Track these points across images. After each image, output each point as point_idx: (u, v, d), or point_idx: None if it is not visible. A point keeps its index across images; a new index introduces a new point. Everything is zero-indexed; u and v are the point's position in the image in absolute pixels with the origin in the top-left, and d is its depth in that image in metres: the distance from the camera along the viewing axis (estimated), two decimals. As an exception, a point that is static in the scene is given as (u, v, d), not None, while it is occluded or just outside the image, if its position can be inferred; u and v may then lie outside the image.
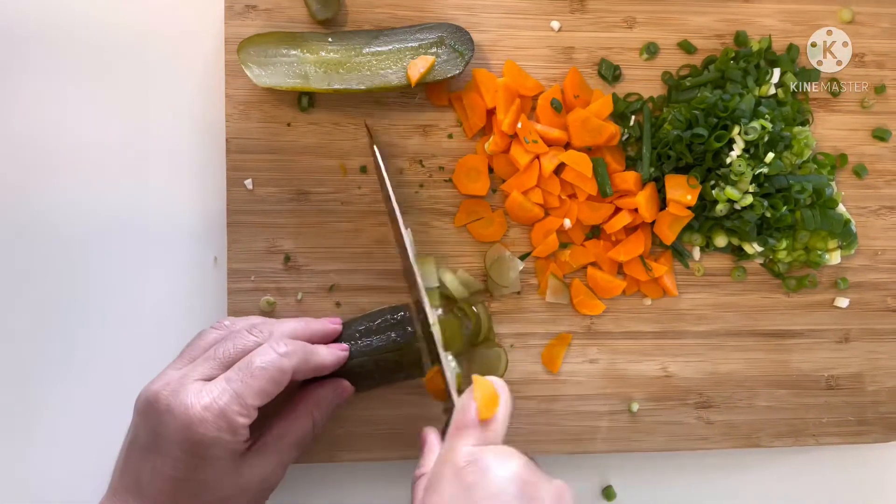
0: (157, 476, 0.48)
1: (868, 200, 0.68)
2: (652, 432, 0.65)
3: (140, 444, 0.49)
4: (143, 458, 0.49)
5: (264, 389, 0.49)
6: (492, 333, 0.63)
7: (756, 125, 0.61)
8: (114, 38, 0.64)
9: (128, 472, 0.50)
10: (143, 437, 0.49)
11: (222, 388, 0.49)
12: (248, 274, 0.61)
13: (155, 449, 0.48)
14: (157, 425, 0.48)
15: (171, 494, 0.48)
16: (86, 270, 0.63)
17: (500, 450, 0.47)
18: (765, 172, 0.62)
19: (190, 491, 0.49)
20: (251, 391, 0.49)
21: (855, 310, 0.68)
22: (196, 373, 0.50)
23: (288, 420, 0.54)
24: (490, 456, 0.46)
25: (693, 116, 0.62)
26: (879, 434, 0.68)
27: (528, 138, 0.62)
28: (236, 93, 0.62)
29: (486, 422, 0.48)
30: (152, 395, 0.49)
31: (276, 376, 0.50)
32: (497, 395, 0.49)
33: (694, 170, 0.63)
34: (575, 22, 0.65)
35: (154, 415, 0.48)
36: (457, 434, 0.48)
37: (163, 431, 0.48)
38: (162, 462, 0.48)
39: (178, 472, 0.48)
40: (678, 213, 0.62)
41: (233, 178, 0.62)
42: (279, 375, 0.50)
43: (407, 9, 0.63)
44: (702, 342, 0.66)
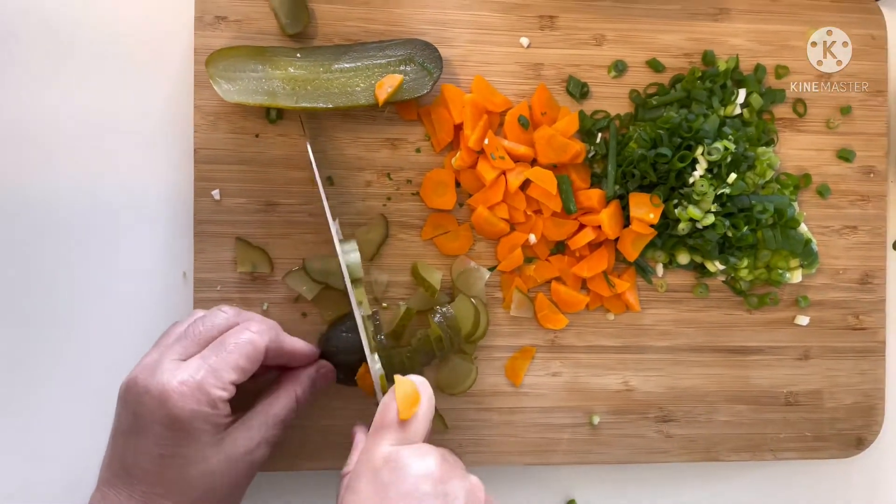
0: (141, 456, 0.49)
1: (831, 220, 0.69)
2: (612, 445, 0.66)
3: (122, 430, 0.50)
4: (126, 442, 0.50)
5: (239, 365, 0.51)
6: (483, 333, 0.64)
7: (719, 146, 0.62)
8: (83, 45, 0.64)
9: (114, 460, 0.51)
10: (124, 422, 0.50)
11: (198, 364, 0.50)
12: (214, 284, 0.62)
13: (136, 430, 0.49)
14: (137, 407, 0.49)
15: (157, 473, 0.49)
16: (52, 276, 0.63)
17: (417, 448, 0.48)
18: (727, 192, 0.62)
19: (176, 466, 0.50)
20: (227, 365, 0.51)
21: (815, 328, 0.69)
22: (171, 353, 0.51)
23: (271, 396, 0.56)
24: (406, 454, 0.47)
25: (658, 136, 0.63)
26: (836, 450, 0.69)
27: (494, 154, 0.62)
28: (205, 103, 0.62)
29: (405, 421, 0.49)
30: (130, 380, 0.50)
31: (250, 352, 0.52)
32: (418, 395, 0.50)
33: (657, 188, 0.63)
34: (544, 39, 0.66)
35: (133, 397, 0.50)
36: (376, 433, 0.49)
37: (142, 412, 0.49)
38: (144, 442, 0.49)
39: (162, 449, 0.49)
40: (641, 230, 0.63)
41: (200, 189, 0.62)
42: (253, 351, 0.52)
43: (378, 23, 0.64)
44: (663, 357, 0.67)
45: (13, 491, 0.63)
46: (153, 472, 0.49)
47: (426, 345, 0.61)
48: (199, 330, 0.53)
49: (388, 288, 0.64)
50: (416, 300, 0.64)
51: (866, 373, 0.69)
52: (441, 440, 0.64)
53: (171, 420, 0.49)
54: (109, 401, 0.52)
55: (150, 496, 0.49)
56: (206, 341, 0.52)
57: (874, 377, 0.69)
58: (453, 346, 0.62)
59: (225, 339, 0.52)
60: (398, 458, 0.47)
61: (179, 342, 0.52)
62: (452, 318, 0.61)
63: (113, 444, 0.51)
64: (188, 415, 0.49)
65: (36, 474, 0.63)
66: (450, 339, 0.61)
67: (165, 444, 0.49)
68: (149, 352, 0.53)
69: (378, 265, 0.64)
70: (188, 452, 0.50)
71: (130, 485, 0.49)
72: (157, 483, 0.49)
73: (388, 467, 0.46)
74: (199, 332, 0.53)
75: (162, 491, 0.49)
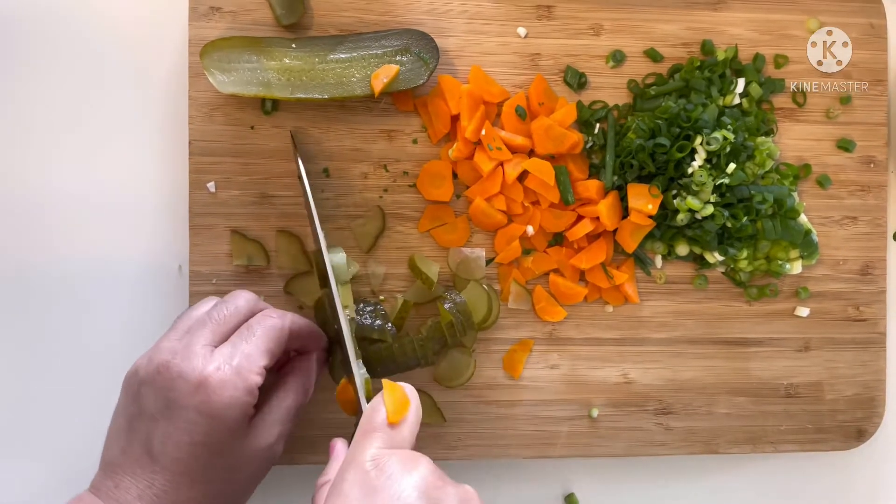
0: (170, 443, 0.48)
1: (831, 211, 0.68)
2: (611, 438, 0.66)
3: (149, 415, 0.49)
4: (153, 427, 0.49)
5: (269, 349, 0.51)
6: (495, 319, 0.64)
7: (718, 136, 0.61)
8: (76, 37, 0.63)
9: (134, 445, 0.49)
10: (151, 407, 0.49)
11: (230, 350, 0.50)
12: (210, 277, 0.62)
13: (167, 416, 0.49)
14: (169, 392, 0.49)
15: (185, 461, 0.48)
16: (46, 269, 0.63)
17: (407, 454, 0.46)
18: (726, 183, 0.62)
19: (204, 456, 0.49)
20: (258, 350, 0.51)
21: (815, 319, 0.68)
22: (200, 338, 0.51)
23: (283, 390, 0.55)
24: (395, 459, 0.45)
25: (656, 126, 0.62)
26: (837, 442, 0.69)
27: (491, 145, 0.62)
28: (200, 95, 0.61)
29: (394, 425, 0.48)
30: (161, 364, 0.49)
31: (278, 336, 0.52)
32: (408, 400, 0.49)
33: (656, 179, 0.63)
34: (542, 28, 0.65)
35: (165, 382, 0.49)
36: (364, 436, 0.47)
37: (175, 397, 0.48)
38: (175, 428, 0.48)
39: (194, 437, 0.48)
40: (640, 221, 0.63)
41: (195, 181, 0.62)
42: (280, 335, 0.53)
43: (374, 13, 0.63)
44: (662, 349, 0.66)
45: (11, 488, 0.63)
46: (181, 461, 0.48)
47: (437, 332, 0.61)
48: (224, 315, 0.52)
49: (386, 280, 0.64)
50: (413, 292, 0.63)
51: (867, 364, 0.69)
52: (439, 433, 0.64)
53: (208, 406, 0.48)
54: (105, 393, 0.52)
55: (175, 484, 0.48)
56: (232, 327, 0.52)
57: (875, 368, 0.69)
58: (465, 333, 0.62)
59: (251, 324, 0.52)
60: (388, 461, 0.45)
61: (205, 327, 0.51)
62: (463, 305, 0.61)
63: (130, 430, 0.50)
64: (226, 401, 0.48)
65: (33, 469, 0.63)
66: (462, 326, 0.61)
67: (198, 432, 0.48)
68: (167, 335, 0.52)
69: (375, 257, 0.63)
70: (218, 442, 0.49)
71: (153, 472, 0.48)
72: (183, 472, 0.48)
73: (377, 471, 0.44)
74: (223, 317, 0.52)
75: (188, 480, 0.49)
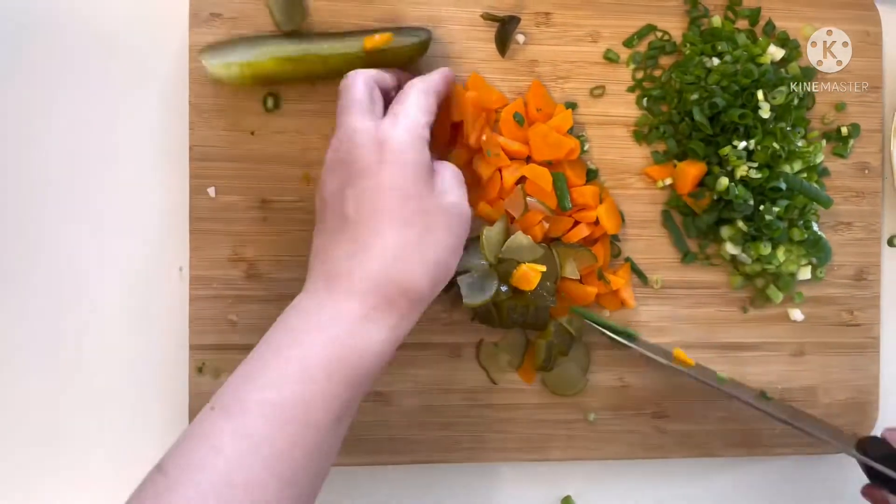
0: (364, 198, 0.51)
1: (825, 216, 0.69)
2: (609, 441, 0.67)
3: (339, 193, 0.52)
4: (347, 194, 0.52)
5: (424, 106, 0.54)
6: None
7: (783, 88, 0.62)
8: (76, 43, 0.64)
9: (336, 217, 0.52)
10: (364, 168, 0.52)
11: (392, 119, 0.53)
12: (211, 281, 0.62)
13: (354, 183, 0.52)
14: (353, 165, 0.52)
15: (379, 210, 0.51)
16: (47, 272, 0.63)
17: None
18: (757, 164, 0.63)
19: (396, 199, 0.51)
20: (419, 110, 0.54)
21: (810, 324, 0.69)
22: (377, 112, 0.54)
23: None
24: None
25: (711, 89, 0.63)
26: (832, 446, 0.69)
27: (490, 151, 0.62)
28: (201, 101, 0.62)
29: None
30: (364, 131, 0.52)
31: (437, 90, 0.57)
32: None
33: (710, 146, 0.64)
34: (540, 35, 0.66)
35: (371, 145, 0.52)
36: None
37: (361, 167, 0.52)
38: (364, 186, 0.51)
39: (382, 189, 0.51)
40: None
41: (196, 186, 0.62)
42: (435, 94, 0.56)
43: (374, 20, 0.64)
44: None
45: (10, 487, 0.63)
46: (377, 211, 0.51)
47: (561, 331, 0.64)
48: (384, 88, 0.57)
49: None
50: None
51: (860, 369, 0.69)
52: (438, 437, 0.64)
53: (392, 163, 0.51)
54: (106, 394, 0.52)
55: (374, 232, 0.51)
56: (388, 101, 0.56)
57: (868, 373, 0.69)
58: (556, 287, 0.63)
59: (406, 90, 0.55)
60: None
61: (375, 104, 0.55)
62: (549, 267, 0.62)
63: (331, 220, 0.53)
64: (408, 157, 0.51)
65: (32, 469, 0.63)
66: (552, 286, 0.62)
67: (385, 186, 0.51)
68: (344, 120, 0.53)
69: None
70: (410, 186, 0.52)
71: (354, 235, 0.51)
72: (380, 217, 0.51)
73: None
74: (379, 95, 0.56)
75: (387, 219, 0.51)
